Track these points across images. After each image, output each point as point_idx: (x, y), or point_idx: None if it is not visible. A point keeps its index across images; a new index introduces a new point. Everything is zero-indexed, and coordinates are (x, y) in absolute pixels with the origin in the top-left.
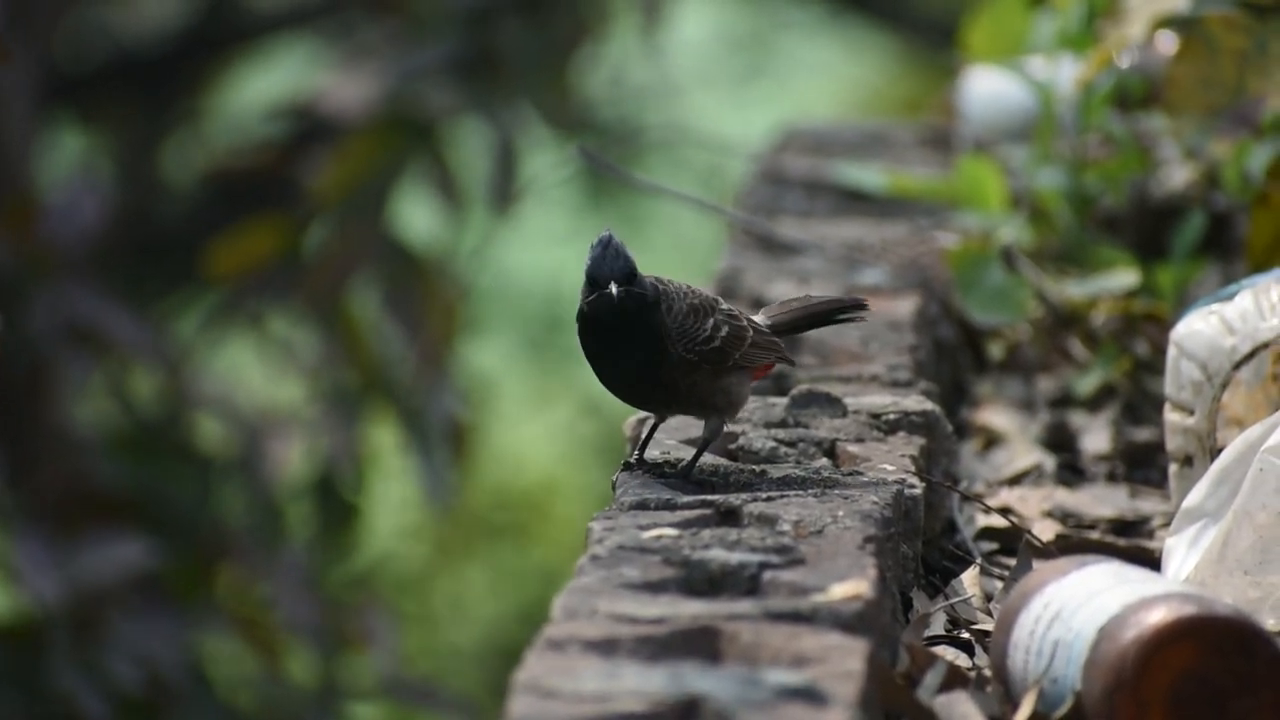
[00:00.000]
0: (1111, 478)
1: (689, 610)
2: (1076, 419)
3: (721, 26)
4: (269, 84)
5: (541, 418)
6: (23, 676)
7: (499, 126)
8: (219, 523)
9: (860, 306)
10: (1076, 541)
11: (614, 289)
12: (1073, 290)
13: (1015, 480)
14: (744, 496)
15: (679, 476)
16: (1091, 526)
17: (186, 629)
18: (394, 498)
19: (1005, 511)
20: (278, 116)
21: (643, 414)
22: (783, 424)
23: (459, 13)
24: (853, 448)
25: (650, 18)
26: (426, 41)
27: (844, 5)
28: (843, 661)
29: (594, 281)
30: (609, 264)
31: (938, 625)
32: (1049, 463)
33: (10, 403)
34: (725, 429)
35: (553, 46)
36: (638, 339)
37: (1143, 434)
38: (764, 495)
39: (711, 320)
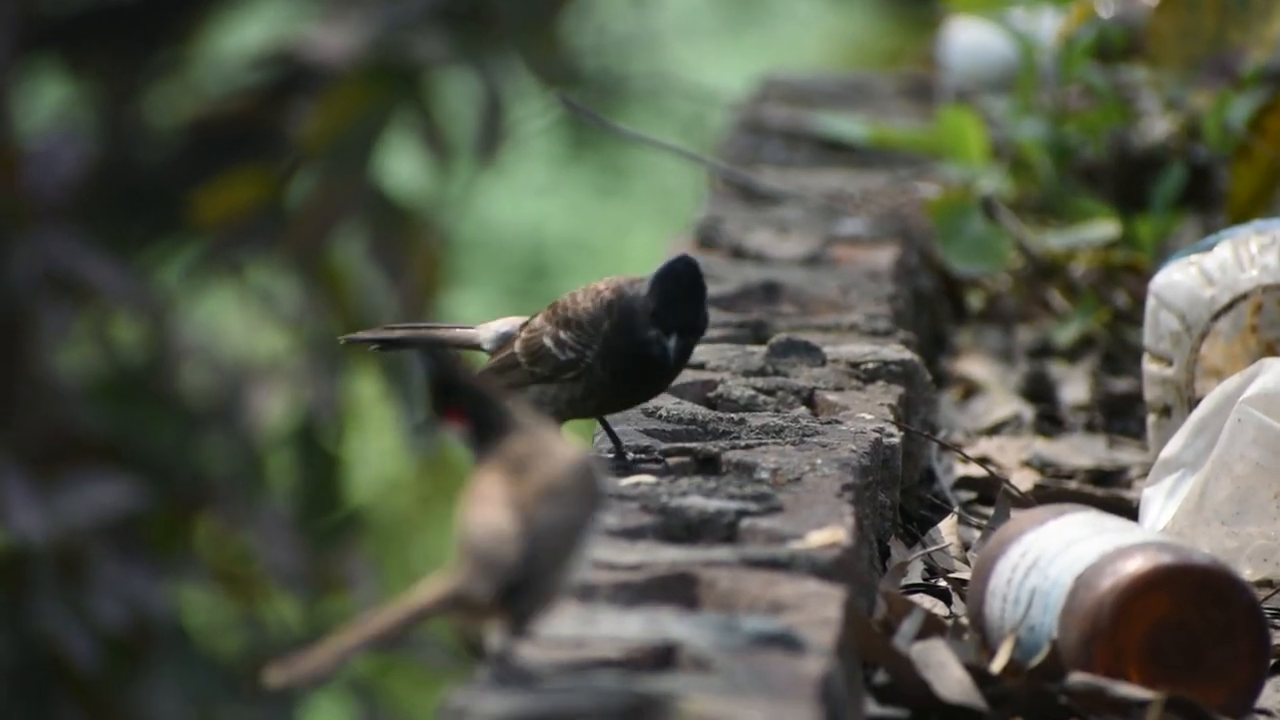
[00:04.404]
0: (1090, 428)
1: (667, 557)
2: (1055, 369)
3: None
4: (253, 32)
5: None
6: (7, 616)
7: (486, 77)
8: (199, 471)
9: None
10: (1054, 491)
11: (672, 343)
12: (1053, 241)
13: (994, 430)
14: (722, 444)
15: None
16: (1069, 476)
17: (165, 577)
18: (375, 449)
19: (983, 461)
20: (262, 64)
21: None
22: (761, 372)
23: None
24: (831, 396)
25: None
26: None
27: None
28: (820, 609)
29: (660, 318)
30: (685, 308)
31: (915, 573)
32: (1027, 413)
33: None
34: None
35: None
36: (659, 377)
37: (1121, 385)
38: (742, 443)
39: None
